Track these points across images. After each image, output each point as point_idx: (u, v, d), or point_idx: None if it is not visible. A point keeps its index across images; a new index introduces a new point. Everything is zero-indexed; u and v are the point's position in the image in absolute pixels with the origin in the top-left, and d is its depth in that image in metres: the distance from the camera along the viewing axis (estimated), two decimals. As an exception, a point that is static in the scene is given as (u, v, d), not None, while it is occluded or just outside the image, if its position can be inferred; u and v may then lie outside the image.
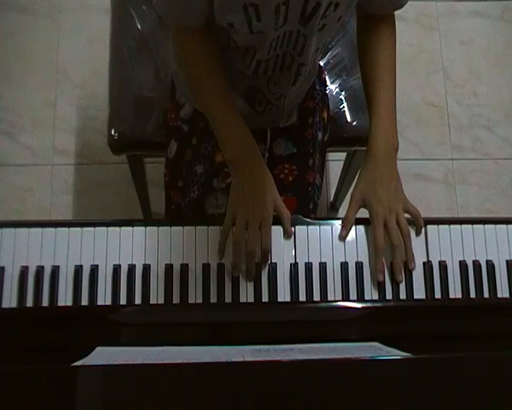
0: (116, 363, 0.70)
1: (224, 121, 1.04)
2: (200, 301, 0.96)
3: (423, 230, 1.03)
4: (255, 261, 0.97)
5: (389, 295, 0.99)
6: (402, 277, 0.99)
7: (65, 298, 0.96)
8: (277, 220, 1.02)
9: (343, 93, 1.39)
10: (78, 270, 0.96)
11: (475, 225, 1.03)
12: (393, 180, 1.04)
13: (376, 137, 1.05)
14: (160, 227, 1.00)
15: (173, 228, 1.00)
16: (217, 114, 1.04)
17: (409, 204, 1.04)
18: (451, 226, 1.03)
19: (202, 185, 1.18)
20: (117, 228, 0.99)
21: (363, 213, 1.04)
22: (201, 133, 1.18)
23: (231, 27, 0.97)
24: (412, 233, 1.02)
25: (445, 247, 1.02)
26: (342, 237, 1.01)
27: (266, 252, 0.98)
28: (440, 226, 1.03)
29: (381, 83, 1.07)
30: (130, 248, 0.98)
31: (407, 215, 1.03)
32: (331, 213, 1.86)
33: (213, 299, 0.97)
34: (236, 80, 1.11)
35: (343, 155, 1.59)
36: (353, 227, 1.02)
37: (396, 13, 1.10)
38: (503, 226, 1.04)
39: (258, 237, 0.98)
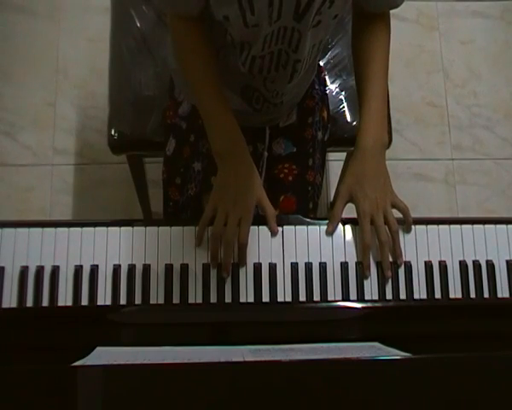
0: (116, 363, 0.70)
1: (214, 113, 1.04)
2: (200, 301, 0.97)
3: (425, 229, 1.03)
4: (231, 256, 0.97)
5: (389, 295, 0.99)
6: (390, 273, 0.99)
7: (65, 298, 0.96)
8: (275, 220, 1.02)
9: (343, 93, 1.39)
10: (78, 270, 0.96)
11: (475, 225, 1.03)
12: (381, 176, 1.03)
13: (365, 132, 1.04)
14: (160, 227, 1.00)
15: (173, 228, 1.00)
16: (208, 105, 1.05)
17: (397, 199, 1.03)
18: (451, 226, 1.03)
19: (200, 183, 1.18)
20: (117, 228, 1.00)
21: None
22: (199, 131, 1.18)
23: (226, 20, 0.97)
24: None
25: (445, 247, 1.02)
26: (329, 233, 1.01)
27: (243, 246, 0.98)
28: (440, 226, 1.03)
29: (373, 80, 1.07)
30: (130, 248, 0.98)
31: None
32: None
33: (213, 299, 0.97)
34: (233, 79, 1.11)
35: (343, 155, 1.59)
36: (354, 227, 1.02)
37: (396, 13, 1.10)
38: (503, 226, 1.04)
39: (235, 231, 0.98)
